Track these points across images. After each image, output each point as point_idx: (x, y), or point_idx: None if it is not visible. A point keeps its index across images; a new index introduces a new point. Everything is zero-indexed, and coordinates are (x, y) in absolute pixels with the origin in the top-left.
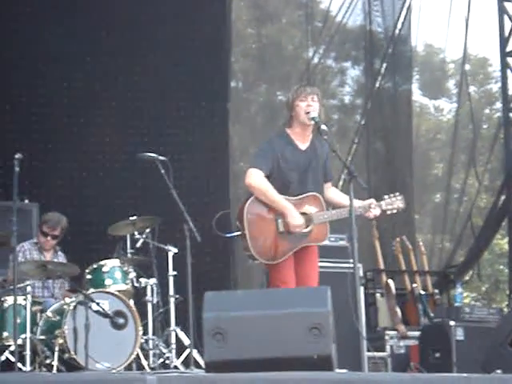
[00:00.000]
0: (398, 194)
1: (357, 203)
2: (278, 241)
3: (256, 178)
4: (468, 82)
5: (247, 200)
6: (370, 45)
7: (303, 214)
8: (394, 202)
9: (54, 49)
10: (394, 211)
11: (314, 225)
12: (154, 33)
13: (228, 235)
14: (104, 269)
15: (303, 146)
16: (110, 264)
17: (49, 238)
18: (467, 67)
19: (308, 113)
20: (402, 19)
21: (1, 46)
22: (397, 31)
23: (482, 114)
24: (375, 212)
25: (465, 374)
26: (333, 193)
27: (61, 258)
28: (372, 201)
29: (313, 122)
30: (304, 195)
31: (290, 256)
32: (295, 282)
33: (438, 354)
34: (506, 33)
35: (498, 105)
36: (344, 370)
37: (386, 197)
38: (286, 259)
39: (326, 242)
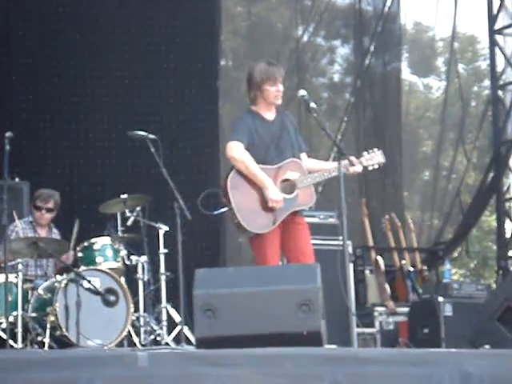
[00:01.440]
0: (376, 149)
1: (335, 163)
2: (266, 210)
3: (237, 151)
4: (457, 59)
5: (229, 174)
6: (359, 23)
7: (286, 180)
8: (374, 157)
9: (43, 28)
10: (376, 166)
11: (298, 189)
12: (143, 11)
13: (215, 212)
14: (95, 246)
15: (271, 116)
16: (101, 242)
17: (43, 211)
18: (456, 45)
19: (276, 96)
20: None
21: None
22: (386, 9)
23: (470, 91)
24: (357, 169)
25: (453, 350)
26: (311, 162)
27: (55, 234)
28: (352, 158)
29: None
30: (283, 162)
31: (275, 231)
32: (286, 258)
33: (426, 330)
34: (495, 11)
35: (487, 82)
36: (333, 346)
37: (365, 153)
38: (271, 234)
39: (316, 220)
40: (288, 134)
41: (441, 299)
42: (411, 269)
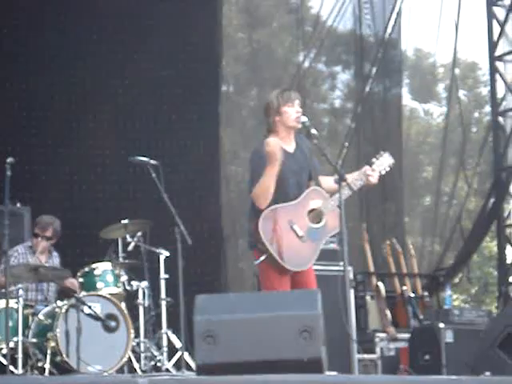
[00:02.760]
0: (382, 151)
1: (352, 176)
2: (302, 246)
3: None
4: (458, 85)
5: (258, 220)
6: (360, 49)
7: (312, 210)
8: (383, 161)
9: (46, 54)
10: (388, 169)
11: (325, 215)
12: (145, 37)
13: (256, 262)
14: (96, 272)
15: (290, 148)
16: (102, 267)
17: (39, 239)
18: (457, 71)
19: (298, 118)
20: (391, 23)
21: None
22: (387, 35)
23: (471, 117)
24: (375, 177)
25: (454, 376)
26: (325, 182)
27: (56, 259)
28: (366, 167)
29: (300, 126)
30: (304, 194)
31: None
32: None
33: (427, 356)
34: (495, 37)
35: (488, 108)
36: (334, 373)
37: (374, 160)
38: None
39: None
40: (306, 163)
41: (442, 325)
42: (412, 295)
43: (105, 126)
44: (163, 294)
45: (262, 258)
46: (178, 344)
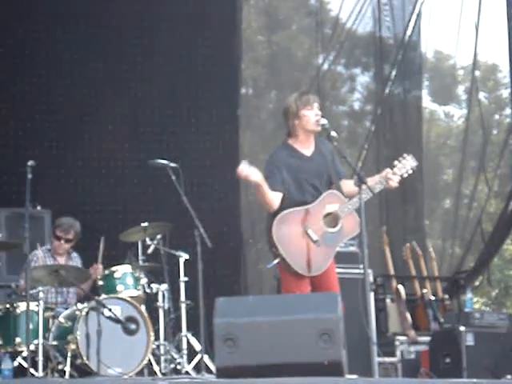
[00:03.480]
0: (405, 154)
1: (374, 179)
2: (317, 251)
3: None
4: (478, 88)
5: (272, 224)
6: (379, 51)
7: (328, 214)
8: (406, 164)
9: (65, 56)
10: (410, 171)
11: (342, 220)
12: (165, 40)
13: (269, 266)
14: (116, 275)
15: (308, 151)
16: (122, 270)
17: (62, 241)
18: (477, 73)
19: (317, 121)
20: (411, 25)
21: (10, 55)
22: (406, 37)
23: (491, 119)
24: (395, 180)
25: (475, 380)
26: (346, 186)
27: (75, 259)
28: (387, 170)
29: (319, 129)
30: (320, 198)
31: None
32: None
33: (448, 360)
34: None
35: (508, 111)
36: (354, 376)
37: (396, 163)
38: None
39: (337, 248)
40: (326, 166)
41: (462, 329)
42: (432, 298)
43: (124, 129)
44: (183, 297)
45: (275, 261)
46: (197, 347)
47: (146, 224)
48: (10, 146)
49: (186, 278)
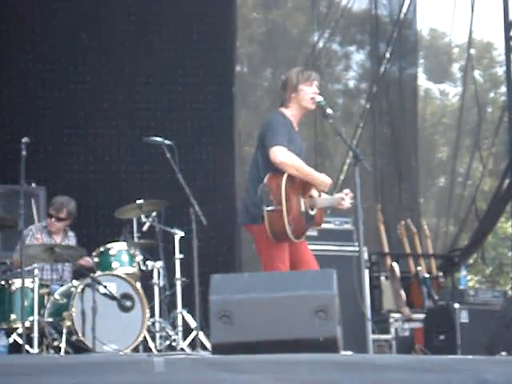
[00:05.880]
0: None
1: (322, 199)
2: (301, 220)
3: (285, 154)
4: (473, 66)
5: (282, 175)
6: (375, 29)
7: (310, 196)
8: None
9: (59, 32)
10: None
11: (316, 209)
12: (159, 18)
13: (267, 209)
14: (111, 252)
15: (297, 127)
16: (117, 247)
17: (53, 219)
18: (472, 51)
19: (312, 99)
20: (407, 3)
21: (3, 30)
22: (402, 15)
23: (486, 97)
24: (347, 203)
25: (469, 356)
26: None
27: (71, 239)
28: (340, 195)
29: (313, 107)
30: None
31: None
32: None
33: (442, 337)
34: (511, 17)
35: (503, 89)
36: (349, 352)
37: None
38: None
39: (332, 226)
40: (303, 147)
41: (457, 306)
42: (427, 275)
43: (120, 107)
44: (178, 274)
45: (271, 207)
46: (192, 324)
47: (141, 201)
48: (3, 123)
49: (182, 256)
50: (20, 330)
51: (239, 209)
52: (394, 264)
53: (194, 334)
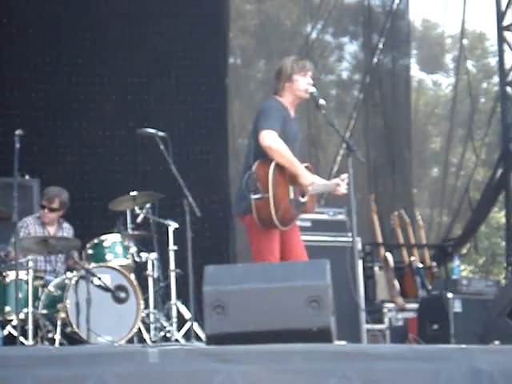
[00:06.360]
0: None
1: (319, 182)
2: (289, 207)
3: (273, 139)
4: (466, 56)
5: (270, 163)
6: (367, 20)
7: (300, 184)
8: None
9: (52, 24)
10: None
11: (307, 196)
12: (152, 8)
13: (253, 197)
14: (105, 244)
15: (292, 114)
16: (111, 239)
17: (46, 210)
18: (465, 42)
19: (306, 89)
20: None
21: (0, 25)
22: (395, 6)
23: (479, 88)
24: (343, 189)
25: (463, 346)
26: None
27: (66, 230)
28: (336, 180)
29: (307, 97)
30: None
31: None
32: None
33: (436, 326)
34: (503, 7)
35: (496, 79)
36: (343, 342)
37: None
38: (275, 233)
39: (325, 216)
40: (298, 135)
41: (450, 295)
42: (420, 265)
43: (113, 99)
44: (172, 266)
45: (258, 195)
46: (187, 315)
47: (135, 193)
48: None
49: (176, 247)
50: (14, 322)
51: (233, 199)
52: (388, 254)
53: (188, 324)
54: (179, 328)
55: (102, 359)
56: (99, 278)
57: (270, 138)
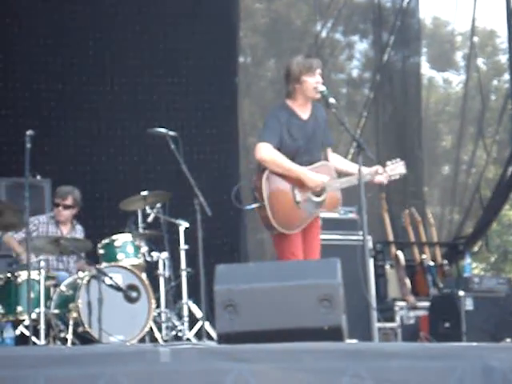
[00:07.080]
0: (399, 159)
1: (364, 170)
2: (295, 211)
3: (266, 152)
4: (476, 54)
5: (263, 172)
6: (378, 18)
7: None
8: (396, 168)
9: (64, 24)
10: (397, 177)
11: (326, 193)
12: (163, 8)
13: (248, 207)
14: (116, 243)
15: (305, 115)
16: (122, 239)
17: (60, 208)
18: (475, 39)
19: (316, 88)
20: None
21: (8, 23)
22: (405, 4)
23: (490, 85)
24: (382, 178)
25: (474, 343)
26: (336, 159)
27: (79, 232)
28: (378, 167)
29: (318, 96)
30: (315, 165)
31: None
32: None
33: (447, 324)
34: None
35: (506, 76)
36: (354, 341)
37: (388, 163)
38: (296, 233)
39: (336, 215)
40: (320, 131)
41: (462, 293)
42: (432, 263)
43: (124, 99)
44: (183, 265)
45: (253, 206)
46: (198, 314)
47: (145, 193)
48: (8, 115)
49: (186, 246)
50: (27, 322)
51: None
52: (399, 252)
53: (199, 324)
54: (191, 327)
55: (113, 359)
56: (111, 278)
57: (262, 151)
